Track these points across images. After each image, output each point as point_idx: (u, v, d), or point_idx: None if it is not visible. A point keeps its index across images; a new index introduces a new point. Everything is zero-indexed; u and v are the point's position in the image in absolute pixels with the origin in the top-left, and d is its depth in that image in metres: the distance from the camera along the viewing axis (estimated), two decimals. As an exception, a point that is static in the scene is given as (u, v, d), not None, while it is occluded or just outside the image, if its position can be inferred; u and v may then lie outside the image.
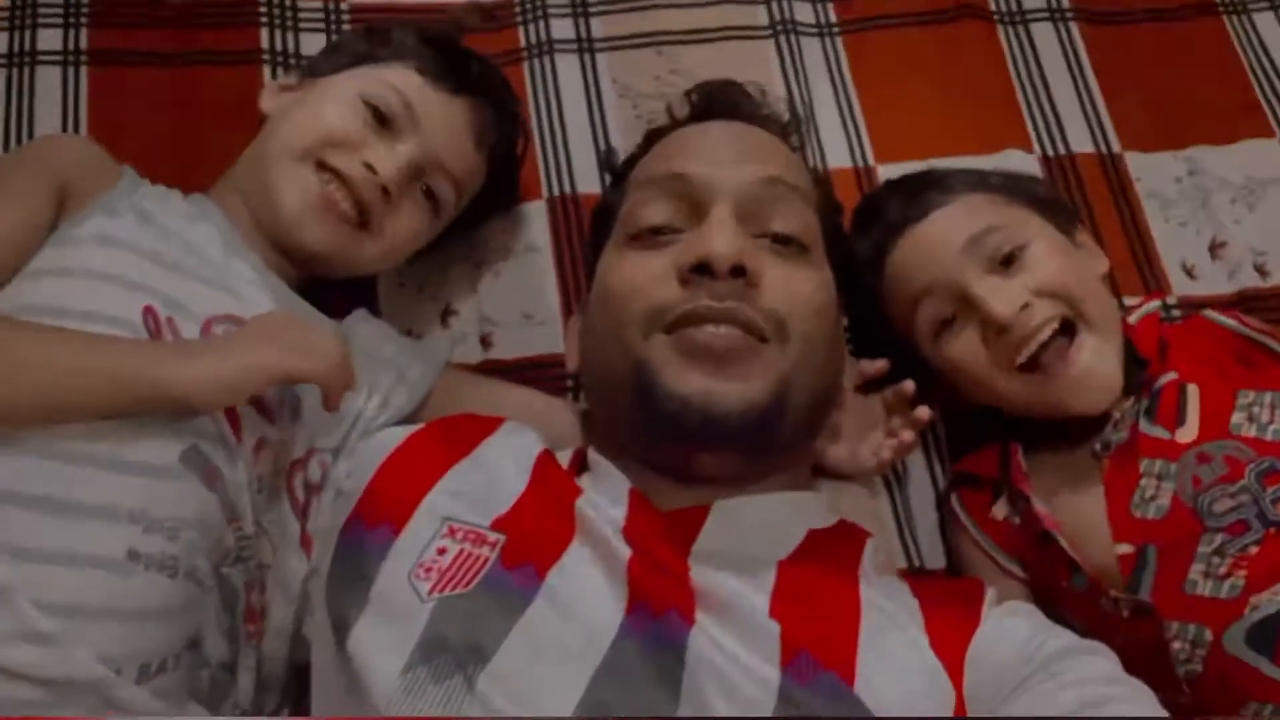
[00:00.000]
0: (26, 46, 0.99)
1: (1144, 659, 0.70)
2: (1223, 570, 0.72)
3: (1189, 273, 1.01)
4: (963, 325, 0.81)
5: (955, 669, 0.62)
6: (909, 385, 0.84)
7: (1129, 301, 0.96)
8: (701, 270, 0.68)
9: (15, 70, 0.98)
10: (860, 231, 0.87)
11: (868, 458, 0.85)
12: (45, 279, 0.69)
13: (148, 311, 0.70)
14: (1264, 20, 1.14)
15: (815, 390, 0.72)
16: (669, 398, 0.67)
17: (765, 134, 0.80)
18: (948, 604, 0.67)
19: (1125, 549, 0.76)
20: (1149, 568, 0.75)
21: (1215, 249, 1.02)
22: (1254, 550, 0.71)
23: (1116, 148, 1.07)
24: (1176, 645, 0.73)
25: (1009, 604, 0.68)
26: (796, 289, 0.71)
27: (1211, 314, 0.87)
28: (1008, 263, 0.80)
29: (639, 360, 0.69)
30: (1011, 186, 0.86)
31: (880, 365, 0.88)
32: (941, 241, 0.81)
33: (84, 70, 0.99)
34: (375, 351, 0.84)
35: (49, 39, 0.99)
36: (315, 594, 0.72)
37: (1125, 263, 1.00)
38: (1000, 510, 0.85)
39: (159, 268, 0.72)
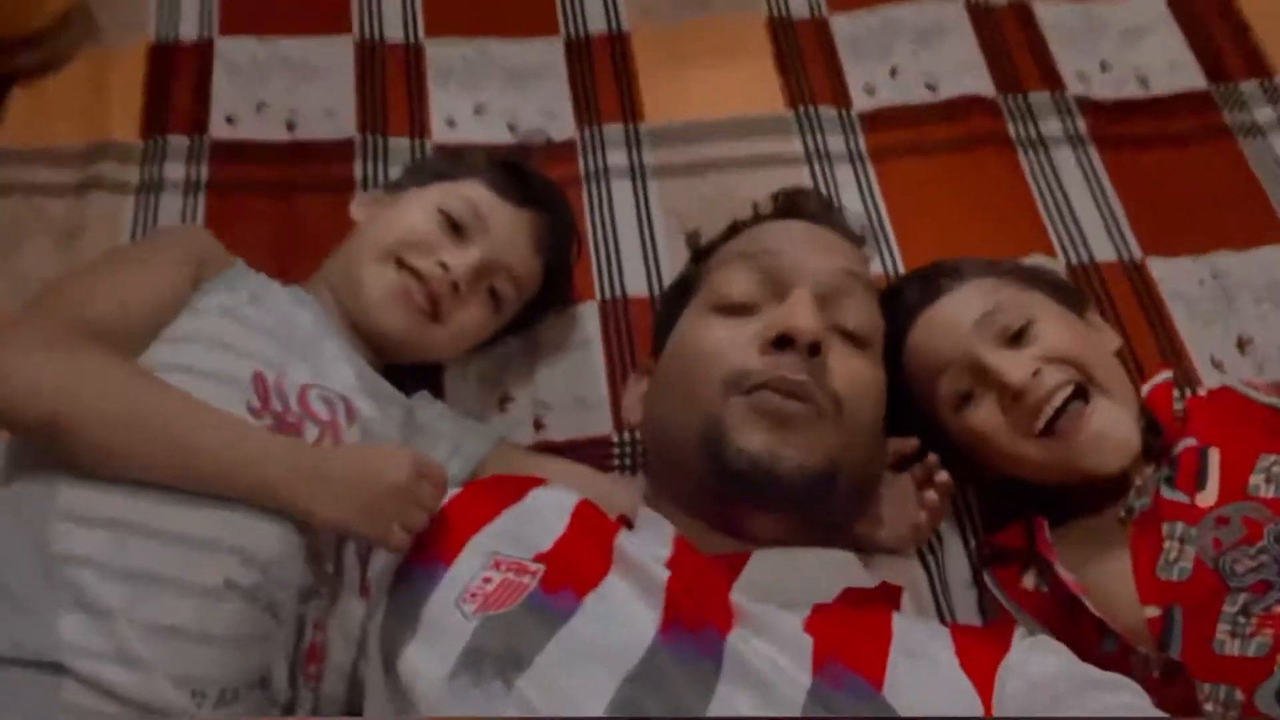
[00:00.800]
0: (155, 177, 1.15)
1: (1177, 724, 0.71)
2: (1249, 630, 0.72)
3: (1218, 367, 1.04)
4: (981, 397, 0.85)
5: (985, 687, 0.64)
6: (933, 458, 0.89)
7: None
8: (782, 343, 0.75)
9: (144, 196, 1.13)
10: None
11: (904, 529, 0.89)
12: (177, 344, 0.80)
13: (257, 376, 0.80)
14: (1278, 139, 1.21)
15: (861, 471, 0.78)
16: (738, 453, 0.73)
17: (840, 237, 0.88)
18: (979, 635, 0.71)
19: (1153, 611, 0.77)
20: (1176, 628, 0.75)
21: (1243, 345, 1.06)
22: (1278, 609, 0.72)
23: (1138, 255, 1.12)
24: (1209, 707, 0.73)
25: (1040, 638, 0.71)
26: (857, 376, 0.78)
27: (1238, 385, 0.90)
28: (1017, 338, 0.85)
29: (715, 418, 0.74)
30: (1020, 271, 0.93)
31: (912, 443, 0.93)
32: (953, 321, 0.87)
33: (202, 197, 1.14)
34: (434, 427, 0.93)
35: (174, 171, 1.15)
36: (370, 635, 0.77)
37: (1153, 358, 1.04)
38: (1029, 580, 0.87)
39: (266, 339, 0.83)
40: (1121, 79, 1.27)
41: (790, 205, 0.92)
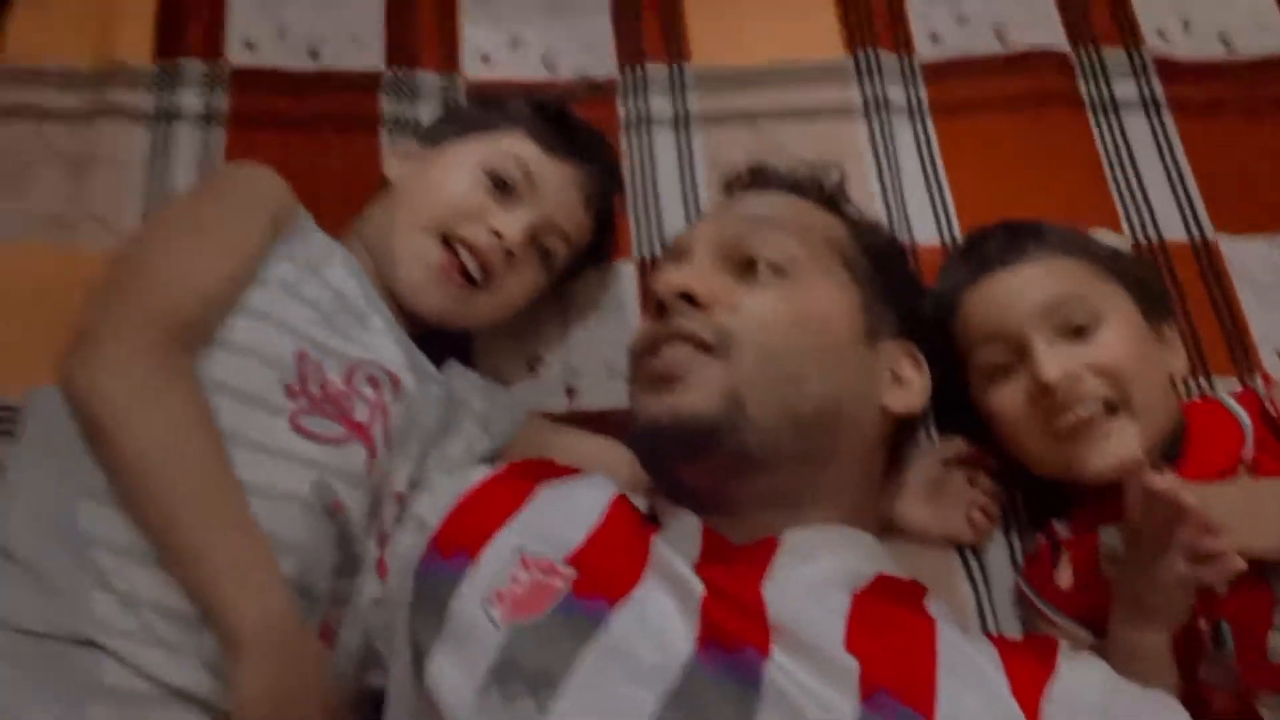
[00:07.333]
0: (170, 106, 1.08)
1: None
2: None
3: (1284, 358, 0.99)
4: (1015, 377, 0.82)
5: (1032, 714, 0.62)
6: (988, 462, 0.89)
7: (1219, 381, 0.96)
8: (660, 308, 0.74)
9: (158, 126, 1.07)
10: (955, 261, 0.90)
11: (959, 521, 0.88)
12: (235, 316, 0.77)
13: (301, 356, 0.77)
14: (1365, 113, 1.13)
15: (792, 401, 0.72)
16: (640, 425, 0.74)
17: (780, 195, 0.84)
18: (1023, 652, 0.68)
19: (1200, 624, 0.75)
20: (1227, 643, 0.73)
21: (1313, 337, 1.00)
22: None
23: (1210, 233, 1.06)
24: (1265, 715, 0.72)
25: (1083, 654, 0.69)
26: (752, 305, 0.73)
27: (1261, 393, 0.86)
28: (1078, 333, 0.81)
29: (631, 399, 0.77)
30: (1112, 261, 0.87)
31: (958, 449, 0.90)
32: (1020, 294, 0.83)
33: (220, 129, 1.08)
34: (465, 400, 0.90)
35: (190, 99, 1.09)
36: (396, 624, 0.74)
37: (1217, 344, 0.99)
38: (1064, 578, 0.83)
39: (316, 315, 0.80)
40: (1204, 38, 1.18)
41: (747, 179, 0.89)
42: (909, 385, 0.80)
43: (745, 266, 0.76)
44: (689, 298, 0.73)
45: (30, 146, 1.05)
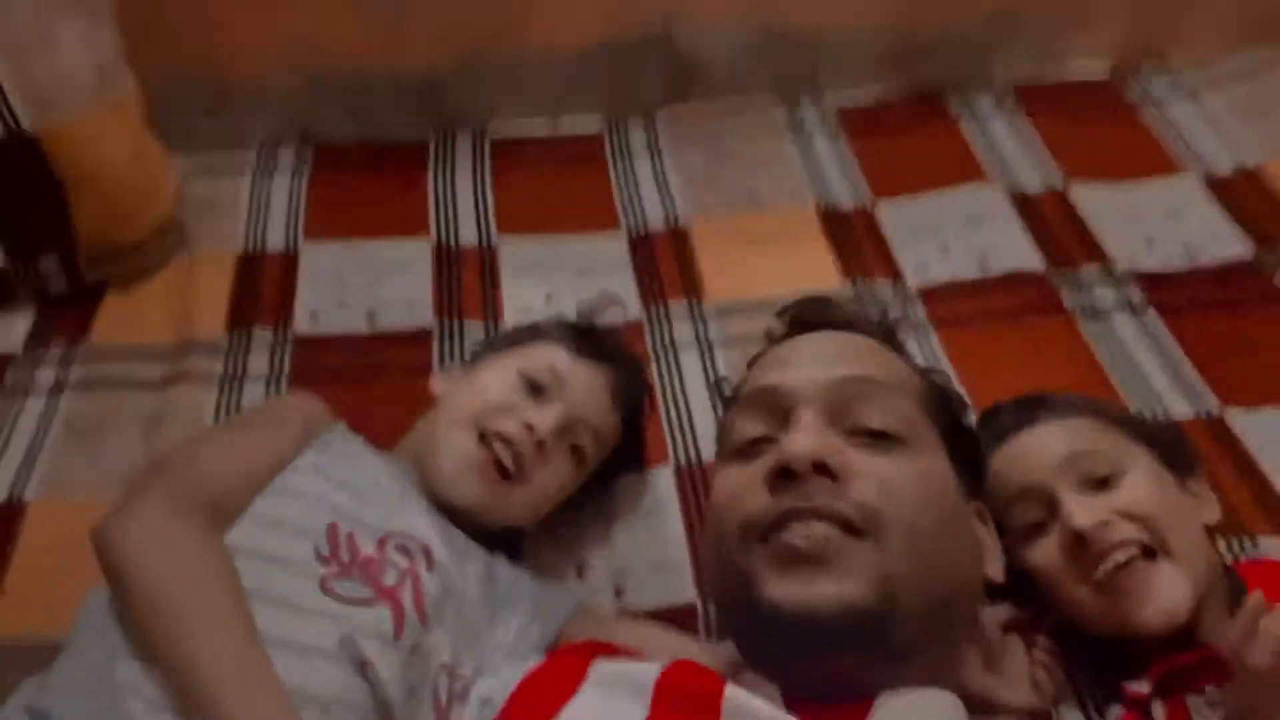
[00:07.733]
0: (238, 369, 1.19)
1: None
2: None
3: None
4: (1049, 533, 0.84)
5: None
6: (1042, 624, 0.87)
7: (1263, 540, 0.97)
8: (785, 474, 0.69)
9: (227, 386, 1.17)
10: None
11: (1023, 689, 0.85)
12: (266, 496, 0.83)
13: (332, 527, 0.81)
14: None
15: (934, 584, 0.68)
16: (767, 607, 0.66)
17: (855, 337, 0.82)
18: None
19: None
20: None
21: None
22: None
23: (1215, 410, 1.11)
24: None
25: None
26: (889, 480, 0.69)
27: None
28: (1102, 484, 0.84)
29: (741, 573, 0.69)
30: (1126, 421, 0.92)
31: (1010, 614, 0.89)
32: (1042, 451, 0.86)
33: (284, 385, 1.17)
34: (515, 592, 0.91)
35: (257, 362, 1.20)
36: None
37: (1247, 504, 1.01)
38: None
39: (348, 493, 0.85)
40: (1168, 251, 1.31)
41: (798, 320, 0.87)
42: (991, 549, 0.80)
43: (862, 431, 0.72)
44: (820, 467, 0.68)
45: (109, 413, 1.15)
